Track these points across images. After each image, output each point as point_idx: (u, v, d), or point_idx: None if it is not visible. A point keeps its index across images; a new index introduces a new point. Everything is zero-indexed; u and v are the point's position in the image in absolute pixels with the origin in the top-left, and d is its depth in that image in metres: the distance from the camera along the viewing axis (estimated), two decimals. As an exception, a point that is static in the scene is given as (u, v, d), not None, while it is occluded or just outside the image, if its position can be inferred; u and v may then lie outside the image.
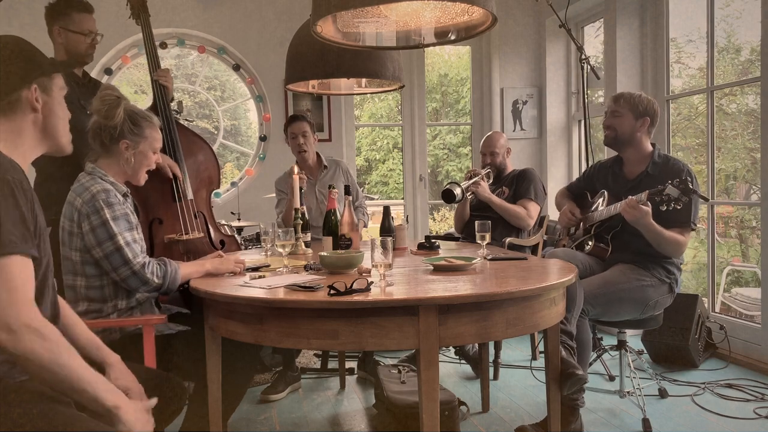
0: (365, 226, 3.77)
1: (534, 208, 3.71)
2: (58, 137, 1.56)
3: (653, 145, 2.93)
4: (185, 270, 2.17)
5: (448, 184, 3.60)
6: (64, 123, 1.57)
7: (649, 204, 2.63)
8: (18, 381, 1.39)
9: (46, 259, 1.46)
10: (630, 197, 2.68)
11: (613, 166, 3.04)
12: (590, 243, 2.97)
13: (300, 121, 3.64)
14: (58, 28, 2.81)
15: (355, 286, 1.80)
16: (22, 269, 1.30)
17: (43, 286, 1.45)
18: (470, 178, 3.75)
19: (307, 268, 2.26)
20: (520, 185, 3.78)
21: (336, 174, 3.76)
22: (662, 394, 3.10)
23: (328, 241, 2.81)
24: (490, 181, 3.85)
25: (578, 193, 3.22)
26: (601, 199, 3.04)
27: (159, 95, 3.07)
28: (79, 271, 2.11)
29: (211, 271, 2.21)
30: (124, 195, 2.21)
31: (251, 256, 2.74)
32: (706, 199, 2.70)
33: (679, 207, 2.57)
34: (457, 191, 3.55)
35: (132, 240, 2.10)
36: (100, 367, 1.64)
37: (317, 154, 3.76)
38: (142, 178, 2.27)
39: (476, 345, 3.43)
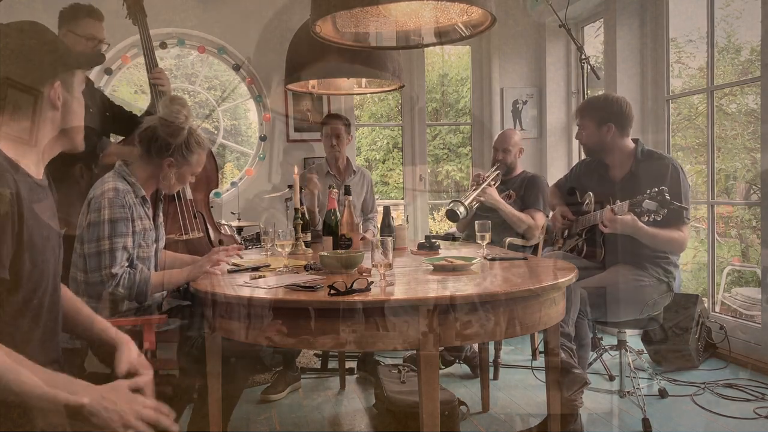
0: (374, 235, 3.76)
1: (541, 219, 3.66)
2: (73, 136, 1.48)
3: (636, 141, 2.86)
4: (157, 281, 2.12)
5: (451, 202, 3.47)
6: (79, 120, 1.49)
7: (631, 213, 2.57)
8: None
9: (41, 275, 1.37)
10: (608, 208, 2.63)
11: (598, 168, 2.99)
12: (582, 248, 2.96)
13: (336, 121, 3.68)
14: (65, 30, 2.86)
15: (355, 286, 1.80)
16: None
17: (37, 302, 1.36)
18: (478, 184, 3.63)
19: (307, 268, 2.26)
20: (529, 193, 3.72)
21: (361, 182, 3.81)
22: (662, 394, 3.10)
23: (328, 241, 2.81)
24: (497, 183, 3.74)
25: (567, 191, 3.20)
26: (589, 200, 3.01)
27: (155, 97, 3.08)
28: (80, 266, 2.10)
29: (189, 278, 2.15)
30: (142, 198, 2.20)
31: (251, 256, 2.74)
32: (685, 209, 2.62)
33: (658, 219, 2.51)
34: (461, 210, 3.43)
35: (119, 247, 2.06)
36: (112, 348, 1.60)
37: (347, 158, 3.78)
38: (174, 191, 2.33)
39: (474, 345, 3.43)
